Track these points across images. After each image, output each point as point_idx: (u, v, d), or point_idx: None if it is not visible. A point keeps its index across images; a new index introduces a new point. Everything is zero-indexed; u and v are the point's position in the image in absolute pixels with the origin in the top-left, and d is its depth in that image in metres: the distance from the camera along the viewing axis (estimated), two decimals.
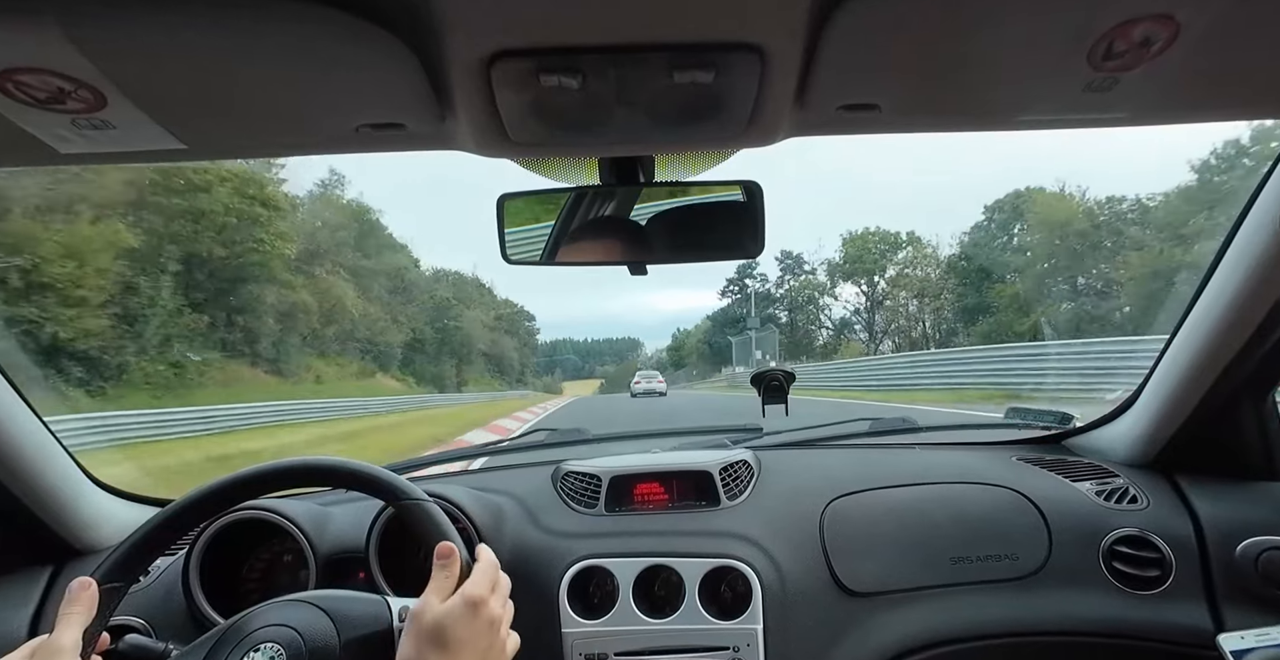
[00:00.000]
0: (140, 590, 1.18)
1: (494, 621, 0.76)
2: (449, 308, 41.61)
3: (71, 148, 0.67)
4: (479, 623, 0.73)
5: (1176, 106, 0.72)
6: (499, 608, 0.77)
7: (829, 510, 1.30)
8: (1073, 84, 0.63)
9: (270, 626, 0.76)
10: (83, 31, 0.50)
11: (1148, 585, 1.22)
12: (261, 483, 0.86)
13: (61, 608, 0.71)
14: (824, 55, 0.59)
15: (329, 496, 1.42)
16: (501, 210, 0.94)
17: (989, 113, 0.72)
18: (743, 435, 1.64)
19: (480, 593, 0.75)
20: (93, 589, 0.72)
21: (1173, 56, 0.59)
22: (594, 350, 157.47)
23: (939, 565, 1.25)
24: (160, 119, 0.63)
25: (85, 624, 0.70)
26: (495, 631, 0.76)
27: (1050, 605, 1.23)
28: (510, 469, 1.54)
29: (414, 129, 0.70)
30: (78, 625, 0.70)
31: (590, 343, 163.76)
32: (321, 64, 0.58)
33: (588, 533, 1.26)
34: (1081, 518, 1.29)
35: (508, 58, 0.57)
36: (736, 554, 1.19)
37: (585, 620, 1.15)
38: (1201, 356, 1.21)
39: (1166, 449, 1.36)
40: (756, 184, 0.92)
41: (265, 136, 0.72)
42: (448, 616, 0.72)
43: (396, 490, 0.84)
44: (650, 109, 0.67)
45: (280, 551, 1.27)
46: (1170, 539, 1.24)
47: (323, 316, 26.39)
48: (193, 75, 0.58)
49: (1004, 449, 1.58)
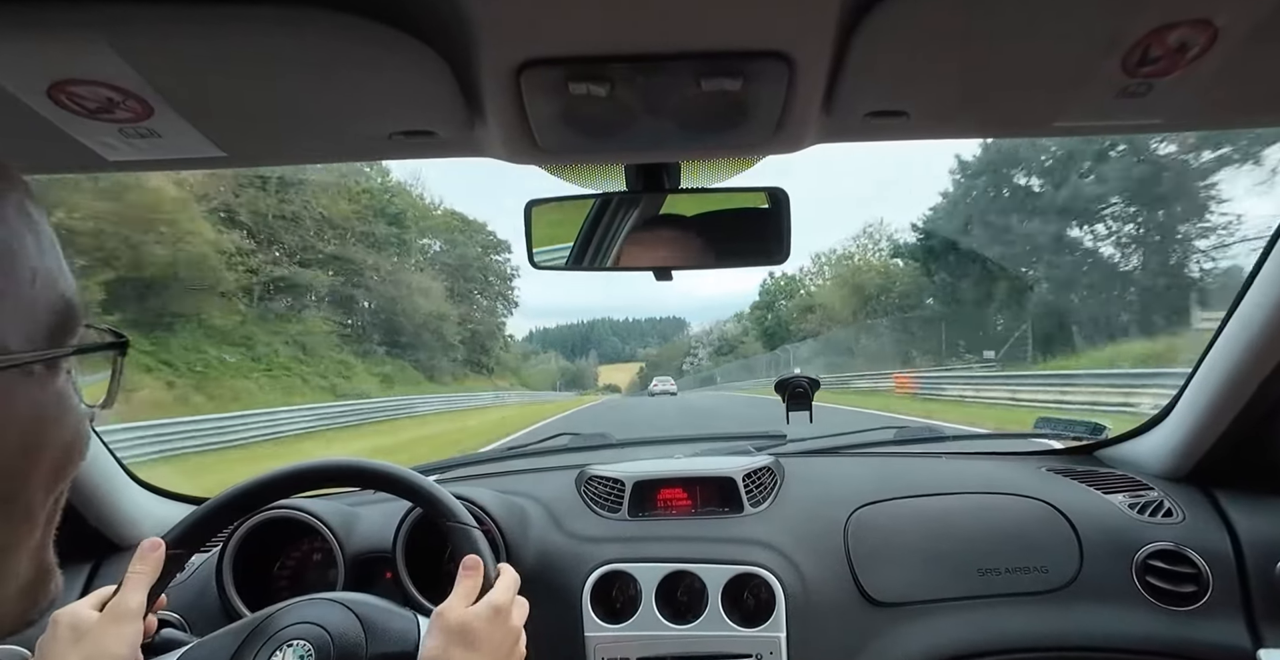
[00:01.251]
0: (176, 586, 1.20)
1: (514, 629, 0.79)
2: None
3: (118, 156, 0.69)
4: (502, 627, 0.76)
5: (1213, 112, 0.71)
6: (518, 619, 0.80)
7: (853, 519, 1.29)
8: (1106, 90, 0.63)
9: (302, 623, 0.78)
10: (131, 44, 0.53)
11: (1183, 601, 1.19)
12: (323, 477, 0.90)
13: (130, 566, 0.74)
14: (852, 62, 0.60)
15: (355, 497, 1.44)
16: (529, 216, 0.95)
17: (1020, 119, 0.72)
18: (766, 442, 1.64)
19: (505, 600, 0.78)
20: (161, 550, 0.76)
21: (1210, 62, 0.58)
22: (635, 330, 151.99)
23: (966, 576, 1.23)
24: (202, 127, 0.65)
25: (150, 585, 0.73)
26: (515, 640, 0.78)
27: (1081, 620, 1.20)
28: (534, 472, 1.55)
29: (445, 136, 0.72)
30: (144, 586, 0.73)
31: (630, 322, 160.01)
32: (356, 73, 0.59)
33: (611, 537, 1.27)
34: (1114, 530, 1.26)
35: (537, 66, 0.58)
36: (760, 561, 1.19)
37: (608, 625, 1.15)
38: (1239, 367, 1.18)
39: (1203, 462, 1.33)
40: (783, 191, 0.92)
41: (301, 145, 0.74)
42: (475, 618, 0.74)
43: (450, 512, 0.87)
44: (677, 116, 0.68)
45: (310, 550, 1.29)
46: (1207, 554, 1.20)
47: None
48: (233, 85, 0.60)
49: (1032, 459, 1.55)
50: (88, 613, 0.70)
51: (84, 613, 0.70)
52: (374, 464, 0.90)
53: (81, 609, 0.70)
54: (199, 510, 0.84)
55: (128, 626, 0.69)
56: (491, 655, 0.73)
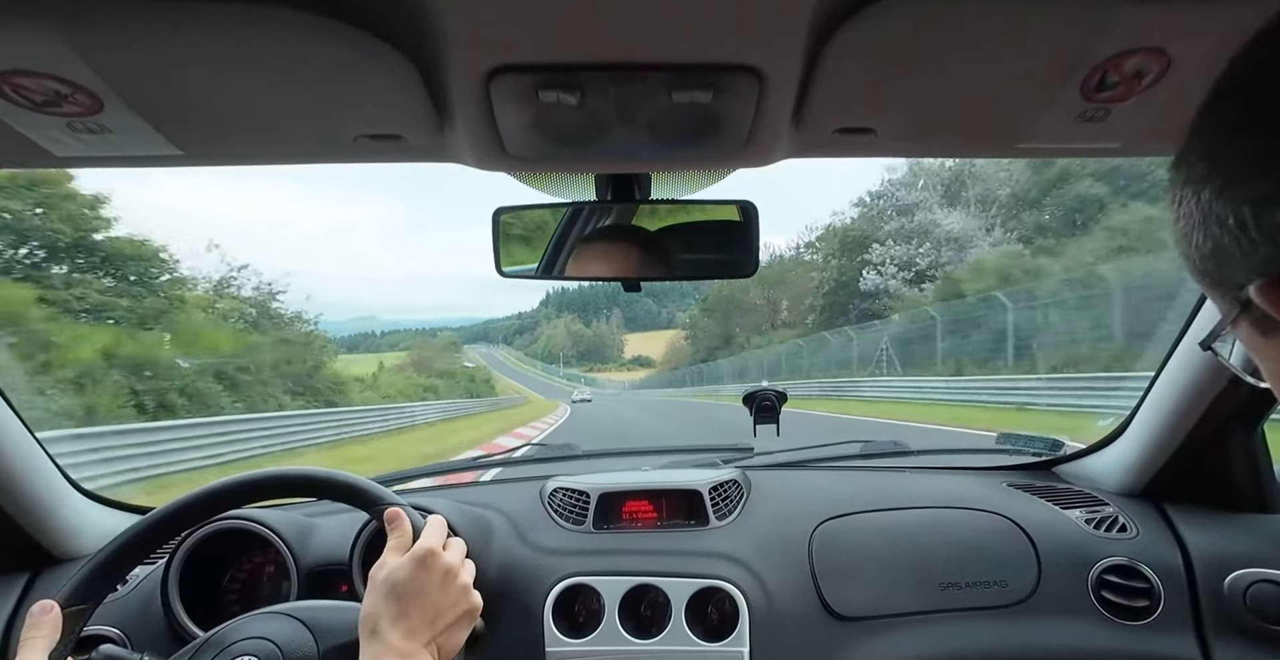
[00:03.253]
0: (117, 599, 1.16)
1: (448, 571, 0.76)
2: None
3: (66, 151, 0.67)
4: (431, 574, 0.74)
5: (1169, 138, 0.72)
6: (454, 560, 0.78)
7: (818, 532, 1.29)
8: (1066, 113, 0.64)
9: (248, 639, 0.75)
10: (82, 36, 0.51)
11: (1136, 615, 1.21)
12: (240, 494, 0.85)
13: (24, 632, 0.69)
14: (821, 79, 0.60)
15: (314, 508, 1.40)
16: (497, 223, 0.94)
17: (983, 139, 0.73)
18: (733, 455, 1.64)
19: (429, 546, 0.76)
20: (55, 612, 0.71)
21: (1164, 89, 0.59)
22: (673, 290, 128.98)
23: (929, 590, 1.24)
24: (156, 124, 0.63)
25: (49, 649, 0.69)
26: (450, 583, 0.76)
27: (1038, 634, 1.22)
28: (498, 484, 1.53)
29: (412, 141, 0.71)
30: (41, 650, 0.68)
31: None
32: (320, 74, 0.58)
33: (575, 550, 1.25)
34: (1071, 546, 1.28)
35: (507, 73, 0.58)
36: (724, 574, 1.18)
37: (570, 639, 1.13)
38: (1191, 387, 1.22)
39: (1156, 479, 1.36)
40: (752, 204, 0.92)
41: (262, 145, 0.72)
42: (399, 570, 0.73)
43: (372, 497, 0.83)
44: (649, 127, 0.68)
45: (262, 562, 1.25)
46: (1159, 569, 1.23)
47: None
48: (190, 82, 0.58)
49: (995, 474, 1.58)
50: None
51: None
52: (278, 471, 0.87)
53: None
54: (95, 557, 0.78)
55: None
56: (425, 604, 0.72)
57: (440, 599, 0.74)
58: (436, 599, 0.73)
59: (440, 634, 0.73)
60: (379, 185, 50.91)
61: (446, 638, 0.74)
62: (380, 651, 0.68)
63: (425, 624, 0.72)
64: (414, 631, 0.71)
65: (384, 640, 0.69)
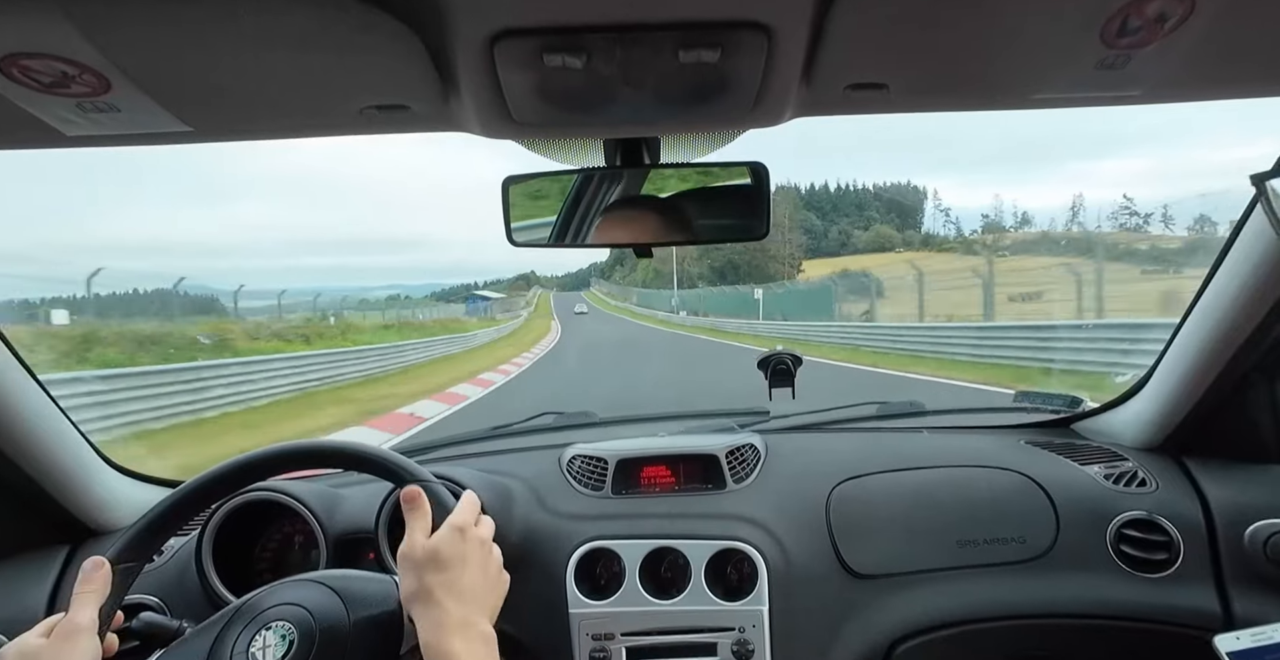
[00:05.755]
0: (155, 569, 1.20)
1: (483, 541, 0.78)
2: None
3: (77, 130, 0.67)
4: (469, 543, 0.75)
5: (1191, 84, 0.70)
6: (486, 533, 0.80)
7: (835, 493, 1.31)
8: (1085, 61, 0.62)
9: (282, 605, 0.77)
10: (85, 16, 0.50)
11: (1155, 568, 1.22)
12: (269, 466, 0.87)
13: (76, 587, 0.72)
14: (831, 34, 0.59)
15: (340, 479, 1.43)
16: (507, 192, 0.93)
17: (1000, 91, 0.71)
18: (750, 419, 1.65)
19: (464, 519, 0.77)
20: (105, 568, 0.74)
21: (1188, 32, 0.57)
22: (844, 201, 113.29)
23: (945, 548, 1.26)
24: (164, 102, 0.63)
25: (100, 603, 0.71)
26: (487, 551, 0.78)
27: (1057, 588, 1.23)
28: (517, 452, 1.55)
29: (418, 110, 0.70)
30: (93, 604, 0.71)
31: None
32: (323, 46, 0.58)
33: (595, 515, 1.27)
34: (1089, 501, 1.28)
35: (511, 37, 0.57)
36: (742, 536, 1.20)
37: (592, 601, 1.16)
38: (1213, 339, 1.20)
39: (1176, 432, 1.35)
40: (763, 165, 0.91)
41: (269, 119, 0.72)
42: (439, 540, 0.74)
43: (403, 472, 0.85)
44: (656, 89, 0.67)
45: (291, 532, 1.29)
46: (1178, 522, 1.23)
47: None
48: (195, 59, 0.58)
49: (1012, 433, 1.58)
50: (36, 640, 0.68)
51: (32, 641, 0.68)
52: (309, 444, 0.89)
53: (29, 638, 0.68)
54: (141, 520, 0.81)
55: (81, 641, 0.68)
56: (467, 573, 0.73)
57: (485, 568, 0.76)
58: (481, 566, 0.75)
59: (488, 599, 0.76)
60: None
61: (493, 604, 0.77)
62: (440, 618, 0.70)
63: (476, 590, 0.74)
64: (466, 599, 0.72)
65: (441, 607, 0.70)
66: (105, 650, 0.71)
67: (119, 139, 0.71)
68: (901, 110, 0.75)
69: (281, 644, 0.74)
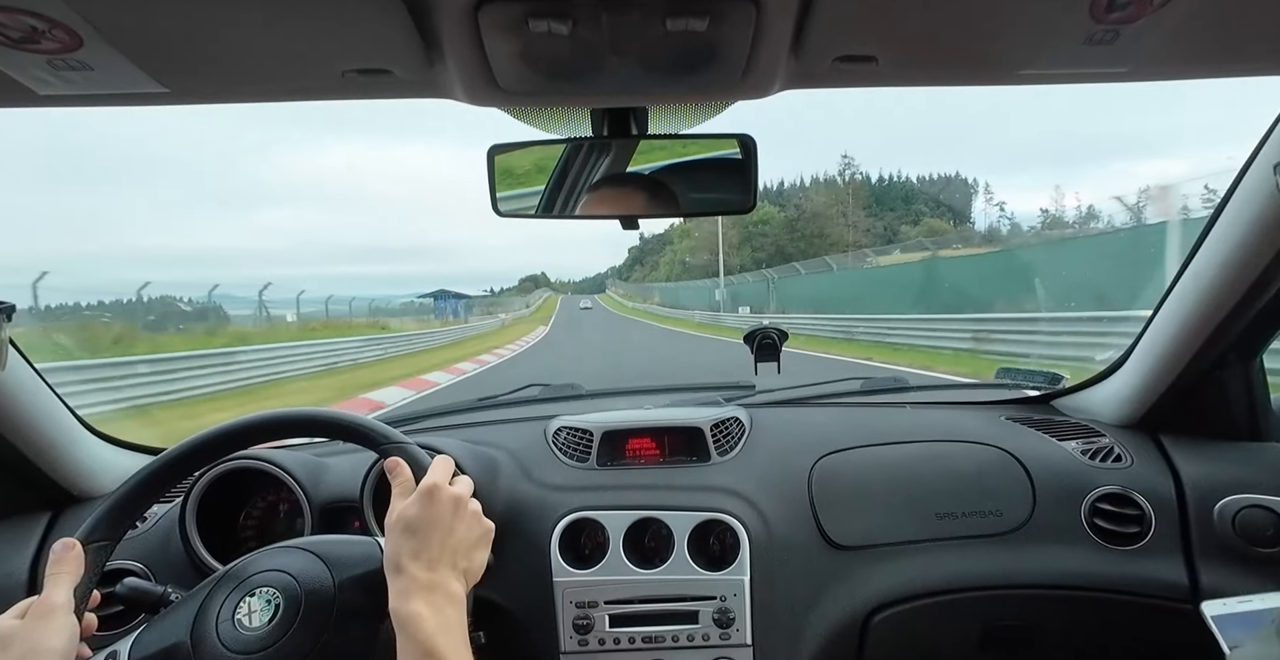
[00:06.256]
0: (138, 535, 1.20)
1: (456, 501, 0.77)
2: None
3: (50, 90, 0.65)
4: (440, 506, 0.75)
5: (1179, 61, 0.70)
6: (463, 491, 0.79)
7: (818, 467, 1.32)
8: (1074, 37, 0.62)
9: (267, 571, 0.78)
10: None
11: (1127, 541, 1.26)
12: (244, 436, 0.86)
13: (48, 568, 0.71)
14: (820, 5, 0.58)
15: (325, 448, 1.43)
16: (492, 162, 0.92)
17: (988, 67, 0.71)
18: (735, 392, 1.66)
19: (434, 481, 0.77)
20: (77, 549, 0.73)
21: (1176, 8, 0.57)
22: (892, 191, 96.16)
23: (925, 520, 1.28)
24: (139, 61, 0.61)
25: (74, 583, 0.71)
26: (460, 511, 0.77)
27: (1031, 560, 1.26)
28: (503, 424, 1.56)
29: (402, 75, 0.69)
30: (66, 585, 0.70)
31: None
32: (305, 6, 0.56)
33: (580, 486, 1.28)
34: (1066, 476, 1.31)
35: (496, 2, 0.56)
36: (725, 508, 1.21)
37: (576, 570, 1.18)
38: (1191, 319, 1.22)
39: (1153, 410, 1.38)
40: (751, 138, 0.90)
41: (249, 82, 0.70)
42: (410, 507, 0.75)
43: (378, 436, 0.85)
44: (643, 58, 0.66)
45: (276, 500, 1.29)
46: (1151, 497, 1.26)
47: None
48: (171, 17, 0.56)
49: (993, 409, 1.60)
50: (10, 622, 0.67)
51: (6, 622, 0.67)
52: (287, 412, 0.89)
53: (4, 619, 0.68)
54: (108, 499, 0.80)
55: (57, 620, 0.67)
56: (436, 535, 0.74)
57: (454, 526, 0.76)
58: (450, 527, 0.75)
59: (461, 559, 0.76)
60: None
61: (469, 562, 0.77)
62: (405, 585, 0.70)
63: (446, 552, 0.74)
64: (435, 561, 0.73)
65: (407, 573, 0.71)
66: (84, 629, 0.71)
67: (92, 100, 0.69)
68: (890, 84, 0.74)
69: (267, 609, 0.75)
